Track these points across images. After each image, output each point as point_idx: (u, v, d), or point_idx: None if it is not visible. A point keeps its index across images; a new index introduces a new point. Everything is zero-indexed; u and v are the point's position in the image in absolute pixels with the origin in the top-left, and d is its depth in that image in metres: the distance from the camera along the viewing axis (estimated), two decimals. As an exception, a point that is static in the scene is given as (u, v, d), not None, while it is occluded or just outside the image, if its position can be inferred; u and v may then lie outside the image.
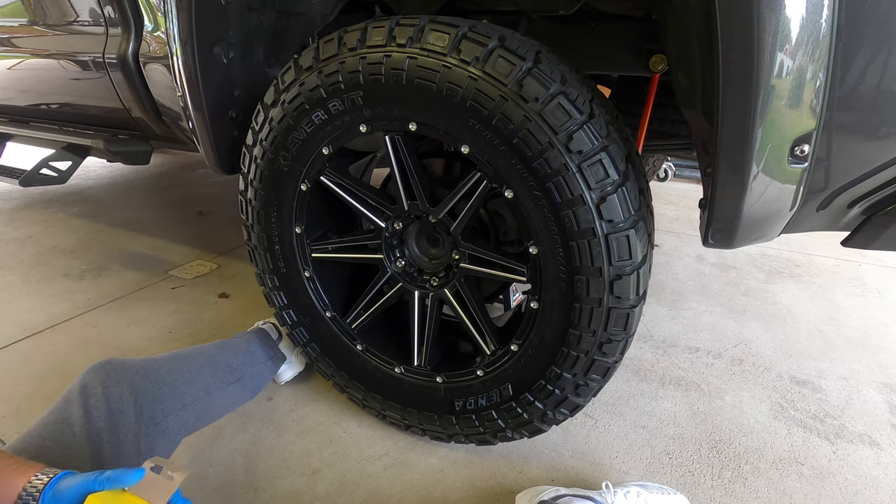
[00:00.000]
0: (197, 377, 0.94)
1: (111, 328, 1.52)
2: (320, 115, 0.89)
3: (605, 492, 0.91)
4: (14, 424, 1.12)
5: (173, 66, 1.01)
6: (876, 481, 1.05)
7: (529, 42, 0.77)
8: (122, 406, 0.76)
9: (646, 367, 1.39)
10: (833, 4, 0.56)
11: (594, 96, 0.77)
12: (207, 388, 0.95)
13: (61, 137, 1.64)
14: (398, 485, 1.01)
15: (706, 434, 1.16)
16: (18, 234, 2.24)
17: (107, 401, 0.75)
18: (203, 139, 1.07)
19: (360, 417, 1.18)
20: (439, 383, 1.02)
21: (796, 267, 2.07)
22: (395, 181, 0.93)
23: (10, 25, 1.52)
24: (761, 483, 1.03)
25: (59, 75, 1.48)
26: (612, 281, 0.78)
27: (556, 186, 0.75)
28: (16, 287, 1.77)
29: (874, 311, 1.73)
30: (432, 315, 1.02)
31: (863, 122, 0.64)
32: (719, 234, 0.74)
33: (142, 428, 0.77)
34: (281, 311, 1.14)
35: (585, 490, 0.93)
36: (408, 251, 1.06)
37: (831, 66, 0.59)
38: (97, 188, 2.94)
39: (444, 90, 0.77)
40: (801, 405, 1.26)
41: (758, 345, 1.51)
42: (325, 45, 0.87)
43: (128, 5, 1.20)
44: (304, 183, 0.98)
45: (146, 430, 0.79)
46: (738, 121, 0.62)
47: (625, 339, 0.84)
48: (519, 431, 0.99)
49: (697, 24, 0.65)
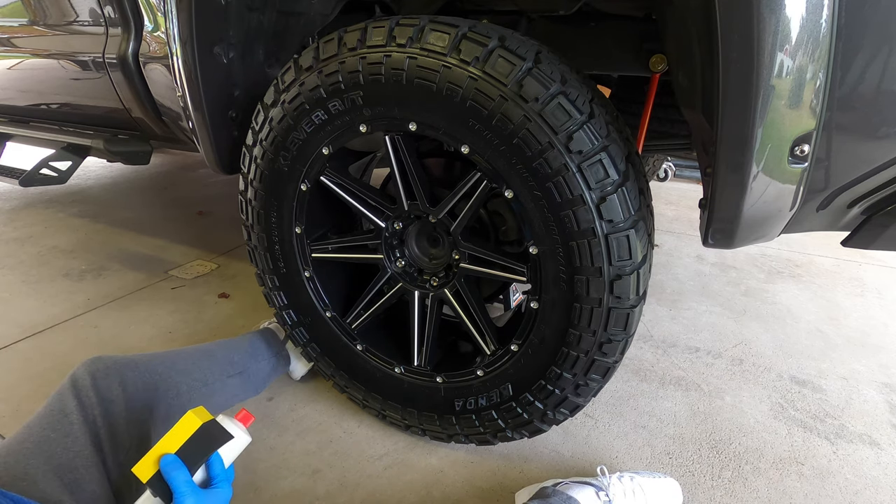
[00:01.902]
0: (193, 369, 0.94)
1: (111, 328, 1.52)
2: (320, 115, 0.89)
3: (600, 476, 0.93)
4: (14, 424, 1.12)
5: (173, 66, 1.01)
6: (876, 481, 1.05)
7: (529, 42, 0.77)
8: (110, 395, 0.79)
9: (646, 367, 1.39)
10: (833, 4, 0.56)
11: (594, 96, 0.77)
12: (205, 380, 0.95)
13: (61, 137, 1.64)
14: (398, 485, 1.01)
15: (706, 434, 1.16)
16: (18, 234, 2.24)
17: (96, 390, 0.78)
18: (203, 139, 1.07)
19: (360, 417, 1.18)
20: (439, 383, 1.02)
21: (796, 267, 2.07)
22: (395, 181, 0.93)
23: (10, 25, 1.52)
24: (761, 483, 1.03)
25: (59, 75, 1.48)
26: (612, 281, 0.78)
27: (556, 186, 0.75)
28: (16, 287, 1.77)
29: (874, 311, 1.73)
30: (432, 315, 1.02)
31: (863, 122, 0.64)
32: (719, 234, 0.74)
33: (131, 416, 0.79)
34: (281, 311, 1.14)
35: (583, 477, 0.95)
36: (408, 251, 1.06)
37: (831, 66, 0.59)
38: (97, 188, 2.94)
39: (444, 90, 0.77)
40: (801, 405, 1.26)
41: (758, 345, 1.51)
42: (325, 45, 0.87)
43: (128, 5, 1.20)
44: (304, 183, 0.98)
45: (138, 416, 0.80)
46: (738, 121, 0.62)
47: (625, 339, 0.84)
48: (519, 431, 0.99)
49: (697, 24, 0.65)
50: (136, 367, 0.85)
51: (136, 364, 0.86)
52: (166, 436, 0.69)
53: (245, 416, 0.80)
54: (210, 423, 0.72)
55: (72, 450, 0.71)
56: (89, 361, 0.81)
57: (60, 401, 0.76)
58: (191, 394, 0.91)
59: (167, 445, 0.68)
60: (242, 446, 0.77)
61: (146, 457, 0.67)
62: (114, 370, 0.81)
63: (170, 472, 0.65)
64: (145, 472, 0.66)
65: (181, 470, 0.65)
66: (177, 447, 0.68)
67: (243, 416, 0.79)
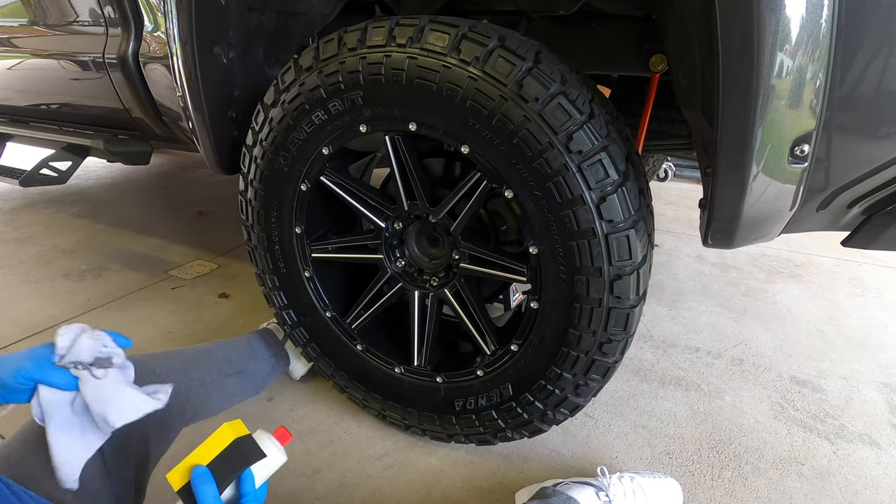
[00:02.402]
0: (190, 369, 0.94)
1: (111, 328, 1.51)
2: (320, 115, 0.89)
3: (600, 476, 0.93)
4: (14, 423, 1.12)
5: (173, 66, 1.01)
6: (876, 481, 1.05)
7: (529, 42, 0.77)
8: None
9: (646, 367, 1.39)
10: (833, 4, 0.56)
11: (594, 96, 0.77)
12: (203, 379, 0.95)
13: (61, 137, 1.64)
14: (398, 485, 1.01)
15: (706, 434, 1.16)
16: (18, 234, 2.24)
17: None
18: (203, 139, 1.07)
19: (360, 417, 1.18)
20: (439, 383, 1.02)
21: (796, 267, 2.07)
22: (395, 181, 0.93)
23: (10, 25, 1.52)
24: (761, 483, 1.03)
25: (59, 75, 1.48)
26: (612, 281, 0.78)
27: (556, 186, 0.75)
28: (16, 287, 1.77)
29: (874, 311, 1.73)
30: (432, 315, 1.02)
31: (863, 122, 0.64)
32: (719, 234, 0.74)
33: None
34: (281, 311, 1.14)
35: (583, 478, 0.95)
36: (408, 251, 1.06)
37: (831, 66, 0.59)
38: (97, 188, 2.94)
39: (444, 90, 0.77)
40: (801, 405, 1.26)
41: (758, 345, 1.51)
42: (325, 45, 0.87)
43: (128, 5, 1.20)
44: (304, 183, 0.98)
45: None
46: (738, 121, 0.62)
47: (625, 339, 0.84)
48: (519, 431, 0.99)
49: (697, 24, 0.65)
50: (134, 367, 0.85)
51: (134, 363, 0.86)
52: (201, 446, 0.67)
53: (283, 434, 0.76)
54: (244, 439, 0.70)
55: None
56: None
57: None
58: (189, 393, 0.91)
59: (201, 456, 0.67)
60: (277, 465, 0.74)
61: (180, 465, 0.66)
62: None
63: (198, 485, 0.64)
64: (177, 481, 0.65)
65: (209, 484, 0.64)
66: (209, 459, 0.66)
67: (281, 434, 0.76)
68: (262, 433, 0.74)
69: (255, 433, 0.73)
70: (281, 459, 0.74)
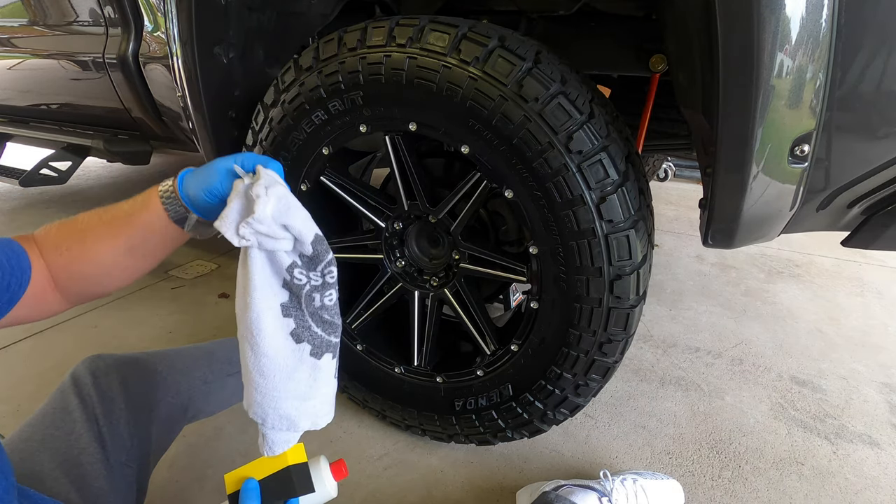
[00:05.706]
0: (192, 368, 0.94)
1: (111, 328, 1.52)
2: (320, 115, 0.89)
3: (603, 480, 0.92)
4: (14, 424, 1.12)
5: (173, 67, 1.01)
6: (876, 481, 1.05)
7: (529, 42, 0.77)
8: (111, 393, 0.78)
9: (646, 367, 1.39)
10: (833, 4, 0.56)
11: (594, 96, 0.77)
12: (204, 378, 0.95)
13: (61, 137, 1.64)
14: (398, 485, 1.01)
15: (706, 434, 1.16)
16: (18, 234, 2.24)
17: (97, 388, 0.77)
18: (203, 139, 1.07)
19: (360, 417, 1.18)
20: (439, 383, 1.02)
21: (796, 267, 2.07)
22: (395, 181, 0.93)
23: (10, 25, 1.52)
24: (761, 483, 1.03)
25: (59, 75, 1.48)
26: (612, 281, 0.78)
27: (556, 186, 0.75)
28: (16, 287, 1.76)
29: (874, 311, 1.73)
30: (432, 315, 1.02)
31: (863, 122, 0.64)
32: (719, 234, 0.74)
33: (131, 414, 0.79)
34: (281, 311, 1.14)
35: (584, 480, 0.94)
36: (408, 251, 1.06)
37: (831, 66, 0.59)
38: (97, 188, 2.94)
39: (444, 90, 0.77)
40: (801, 405, 1.26)
41: (758, 345, 1.51)
42: (325, 45, 0.86)
43: (128, 5, 1.20)
44: (304, 183, 0.98)
45: (137, 415, 0.80)
46: (738, 121, 0.62)
47: (625, 339, 0.84)
48: (519, 431, 0.99)
49: (697, 24, 0.65)
50: (136, 366, 0.85)
51: (136, 362, 0.86)
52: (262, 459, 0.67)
53: (339, 470, 0.74)
54: (298, 467, 0.68)
55: (76, 446, 0.71)
56: (89, 360, 0.81)
57: (62, 398, 0.76)
58: (190, 392, 0.91)
59: (258, 470, 0.67)
60: (324, 501, 0.72)
61: (239, 470, 0.67)
62: (114, 368, 0.81)
63: (245, 499, 0.64)
64: (231, 486, 0.66)
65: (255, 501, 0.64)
66: (264, 475, 0.67)
67: (337, 469, 0.74)
68: (321, 462, 0.73)
69: (314, 459, 0.72)
70: (329, 496, 0.72)
